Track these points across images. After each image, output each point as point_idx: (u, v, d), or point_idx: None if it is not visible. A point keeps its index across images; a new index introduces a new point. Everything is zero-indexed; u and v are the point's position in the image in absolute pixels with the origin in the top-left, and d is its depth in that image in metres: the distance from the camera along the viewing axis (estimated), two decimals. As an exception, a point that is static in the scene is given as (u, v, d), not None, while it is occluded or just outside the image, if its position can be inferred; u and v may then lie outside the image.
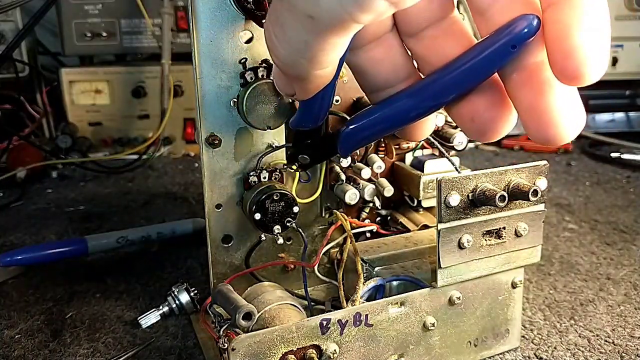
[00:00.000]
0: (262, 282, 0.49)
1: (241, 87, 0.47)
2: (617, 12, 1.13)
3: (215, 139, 0.48)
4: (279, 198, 0.48)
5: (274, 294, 0.45)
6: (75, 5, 1.10)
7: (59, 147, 1.04)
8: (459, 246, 0.43)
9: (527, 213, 0.45)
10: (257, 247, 0.52)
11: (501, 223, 0.44)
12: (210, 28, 0.45)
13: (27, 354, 0.49)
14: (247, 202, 0.49)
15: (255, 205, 0.47)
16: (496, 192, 0.40)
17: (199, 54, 0.46)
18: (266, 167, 0.50)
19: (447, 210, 0.41)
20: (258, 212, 0.47)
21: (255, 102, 0.46)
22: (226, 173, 0.49)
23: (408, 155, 0.56)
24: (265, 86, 0.47)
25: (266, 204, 0.47)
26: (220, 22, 0.46)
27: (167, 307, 0.54)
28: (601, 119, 1.19)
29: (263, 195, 0.47)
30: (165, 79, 1.03)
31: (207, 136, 0.48)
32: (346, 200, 0.51)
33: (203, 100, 0.47)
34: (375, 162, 0.52)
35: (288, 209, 0.48)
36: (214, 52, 0.46)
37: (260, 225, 0.48)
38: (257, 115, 0.47)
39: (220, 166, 0.49)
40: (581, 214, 0.80)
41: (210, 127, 0.48)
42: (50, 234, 0.76)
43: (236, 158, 0.49)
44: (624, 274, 0.63)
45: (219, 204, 0.50)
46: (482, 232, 0.43)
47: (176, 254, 0.68)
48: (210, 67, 0.46)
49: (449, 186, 0.41)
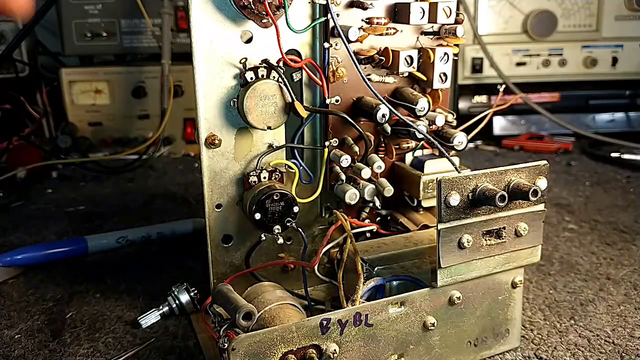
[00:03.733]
0: (262, 282, 0.49)
1: (241, 87, 0.47)
2: (617, 12, 1.13)
3: (215, 139, 0.48)
4: (279, 198, 0.48)
5: (273, 294, 0.45)
6: (75, 5, 1.10)
7: (59, 147, 1.04)
8: (459, 246, 0.43)
9: (527, 213, 0.45)
10: (257, 247, 0.52)
11: (501, 223, 0.44)
12: (209, 28, 0.45)
13: (27, 354, 0.49)
14: (247, 202, 0.49)
15: (255, 205, 0.47)
16: (496, 192, 0.41)
17: (199, 54, 0.46)
18: (266, 167, 0.50)
19: (447, 210, 0.41)
20: (258, 212, 0.47)
21: (255, 102, 0.46)
22: (226, 173, 0.49)
23: (408, 155, 0.56)
24: (265, 86, 0.47)
25: (266, 204, 0.47)
26: (220, 22, 0.46)
27: (167, 307, 0.54)
28: (601, 119, 1.19)
29: (263, 195, 0.47)
30: (165, 79, 1.03)
31: (207, 136, 0.48)
32: (346, 200, 0.51)
33: (203, 101, 0.47)
34: (375, 162, 0.52)
35: (288, 209, 0.48)
36: (213, 52, 0.46)
37: (261, 225, 0.48)
38: (258, 115, 0.47)
39: (220, 166, 0.49)
40: (581, 214, 0.80)
41: (210, 127, 0.48)
42: (50, 234, 0.76)
43: (236, 158, 0.49)
44: (624, 274, 0.63)
45: (219, 204, 0.50)
46: (482, 232, 0.44)
47: (176, 254, 0.68)
48: (210, 67, 0.46)
49: (449, 186, 0.41)
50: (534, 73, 1.16)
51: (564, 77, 1.17)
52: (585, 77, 1.17)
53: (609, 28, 1.14)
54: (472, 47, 1.14)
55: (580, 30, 1.15)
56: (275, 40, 0.46)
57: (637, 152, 1.04)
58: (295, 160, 0.51)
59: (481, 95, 1.18)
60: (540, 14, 1.12)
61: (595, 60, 1.14)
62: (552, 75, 1.16)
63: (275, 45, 0.46)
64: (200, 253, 0.68)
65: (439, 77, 0.52)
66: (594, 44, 1.15)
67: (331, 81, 0.50)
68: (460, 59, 1.15)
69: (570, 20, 1.14)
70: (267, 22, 0.46)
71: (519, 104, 1.15)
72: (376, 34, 0.50)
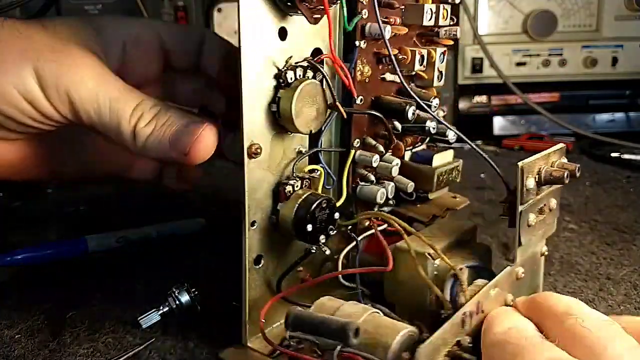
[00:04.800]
0: (321, 298, 0.45)
1: (280, 89, 0.43)
2: (617, 12, 1.13)
3: (258, 148, 0.43)
4: (326, 205, 0.45)
5: (352, 306, 0.43)
6: (75, 5, 1.10)
7: (59, 147, 1.04)
8: (528, 224, 0.47)
9: (556, 189, 0.50)
10: (302, 261, 0.49)
11: (544, 200, 0.49)
12: (256, 23, 0.41)
13: (27, 354, 0.49)
14: (288, 215, 0.45)
15: (309, 216, 0.44)
16: (563, 172, 0.46)
17: (247, 51, 0.41)
18: (300, 175, 0.47)
19: (526, 193, 0.45)
20: (310, 223, 0.44)
21: (302, 104, 0.43)
22: (262, 185, 0.45)
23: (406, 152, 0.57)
24: (310, 87, 0.44)
25: (316, 213, 0.44)
26: (265, 17, 0.42)
27: (167, 307, 0.54)
28: (601, 119, 1.19)
29: (312, 204, 0.44)
30: (165, 79, 1.03)
31: (249, 145, 0.43)
32: (378, 200, 0.51)
33: (246, 104, 0.42)
34: (393, 161, 0.52)
35: (331, 217, 0.45)
36: (258, 49, 0.42)
37: (310, 238, 0.44)
38: (303, 118, 0.44)
39: (257, 178, 0.44)
40: (581, 214, 0.80)
41: (251, 134, 0.43)
42: (50, 234, 0.76)
43: (270, 168, 0.45)
44: (624, 274, 0.63)
45: (253, 221, 0.45)
46: (536, 209, 0.48)
47: (176, 254, 0.68)
48: (254, 66, 0.42)
49: (527, 171, 0.45)
50: (534, 73, 1.16)
51: (564, 77, 1.17)
52: (585, 77, 1.16)
53: (609, 28, 1.14)
54: (472, 47, 1.14)
55: (580, 30, 1.15)
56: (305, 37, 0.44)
57: (637, 152, 1.03)
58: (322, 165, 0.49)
59: (481, 95, 1.18)
60: (540, 14, 1.12)
61: (595, 60, 1.14)
62: (552, 75, 1.16)
63: (304, 42, 0.44)
64: (200, 253, 0.68)
65: (437, 75, 0.55)
66: (594, 44, 1.15)
67: (358, 80, 0.49)
68: (460, 59, 1.15)
69: (570, 20, 1.14)
70: (318, 18, 0.43)
71: (519, 104, 1.15)
72: (401, 33, 0.50)
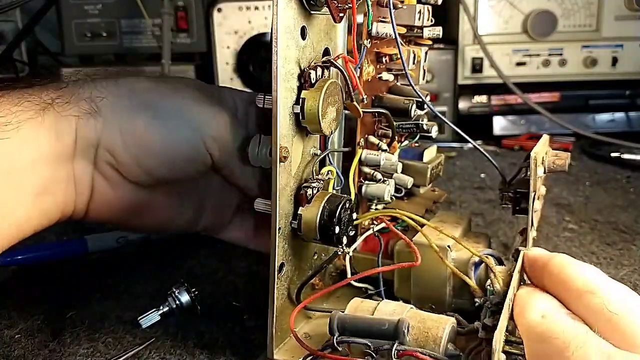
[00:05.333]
0: (355, 299, 0.44)
1: (304, 89, 0.42)
2: (617, 12, 1.13)
3: (287, 152, 0.41)
4: (349, 205, 0.44)
5: (388, 305, 0.42)
6: (75, 5, 1.10)
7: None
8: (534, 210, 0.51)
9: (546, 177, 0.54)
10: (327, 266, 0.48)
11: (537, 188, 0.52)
12: (289, 23, 0.40)
13: (27, 354, 0.49)
14: (311, 218, 0.43)
15: (335, 218, 0.42)
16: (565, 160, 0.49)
17: (282, 51, 0.39)
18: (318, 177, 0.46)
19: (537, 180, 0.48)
20: (337, 225, 0.42)
21: (327, 104, 0.41)
22: (286, 190, 0.43)
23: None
24: (333, 86, 0.42)
25: (341, 215, 0.42)
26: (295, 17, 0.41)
27: (167, 307, 0.54)
28: (601, 119, 1.19)
29: (336, 205, 0.42)
30: (165, 79, 1.03)
31: (279, 149, 0.41)
32: (385, 197, 0.52)
33: (279, 106, 0.40)
34: (392, 158, 0.53)
35: (351, 217, 0.44)
36: (288, 49, 0.40)
37: (336, 240, 0.43)
38: (327, 119, 0.42)
39: (283, 183, 0.42)
40: (581, 214, 0.80)
41: (281, 137, 0.41)
42: (50, 234, 0.75)
43: (292, 171, 0.43)
44: (624, 274, 0.63)
45: (279, 227, 0.42)
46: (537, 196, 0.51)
47: (176, 254, 0.68)
48: (286, 67, 0.40)
49: (539, 160, 0.48)
50: (534, 73, 1.16)
51: (564, 77, 1.16)
52: (585, 77, 1.16)
53: (609, 28, 1.14)
54: (472, 47, 1.14)
55: (580, 30, 1.15)
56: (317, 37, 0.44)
57: (637, 152, 1.03)
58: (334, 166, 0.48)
59: (481, 95, 1.18)
60: (540, 14, 1.12)
61: (595, 60, 1.14)
62: (552, 75, 1.16)
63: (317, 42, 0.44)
64: (200, 253, 0.68)
65: (422, 74, 0.56)
66: (594, 44, 1.15)
67: (363, 79, 0.50)
68: (460, 59, 1.15)
69: (570, 20, 1.14)
70: (342, 17, 0.43)
71: (519, 104, 1.15)
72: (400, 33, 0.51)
